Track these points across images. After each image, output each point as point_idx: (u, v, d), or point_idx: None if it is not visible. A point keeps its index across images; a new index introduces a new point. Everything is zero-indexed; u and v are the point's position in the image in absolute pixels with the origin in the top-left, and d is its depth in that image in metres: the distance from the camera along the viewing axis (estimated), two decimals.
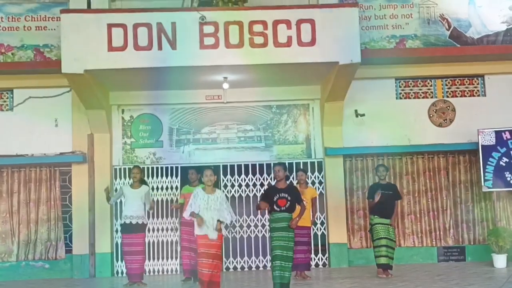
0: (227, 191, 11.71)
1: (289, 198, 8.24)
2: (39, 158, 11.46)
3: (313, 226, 11.22)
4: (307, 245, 10.22)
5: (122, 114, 11.93)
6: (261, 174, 11.74)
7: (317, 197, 10.44)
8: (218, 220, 7.88)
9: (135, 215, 9.89)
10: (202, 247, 7.89)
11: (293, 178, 11.47)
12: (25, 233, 11.51)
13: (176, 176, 11.66)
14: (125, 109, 11.93)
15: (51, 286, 10.36)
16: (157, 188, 11.68)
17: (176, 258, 11.61)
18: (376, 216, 9.93)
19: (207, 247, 7.86)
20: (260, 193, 11.37)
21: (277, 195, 8.27)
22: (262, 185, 11.59)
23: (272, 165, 11.43)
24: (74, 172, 11.53)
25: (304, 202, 9.35)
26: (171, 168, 11.74)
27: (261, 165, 11.76)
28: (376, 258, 9.97)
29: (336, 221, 11.58)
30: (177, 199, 11.19)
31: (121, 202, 10.57)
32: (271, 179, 11.40)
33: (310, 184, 11.27)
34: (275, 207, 8.23)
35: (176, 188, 11.58)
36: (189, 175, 10.45)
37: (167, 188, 11.70)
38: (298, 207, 8.48)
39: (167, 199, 11.70)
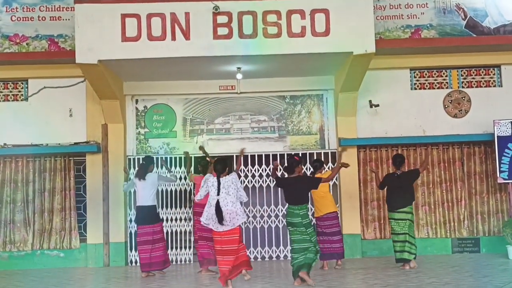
0: (241, 182, 11.68)
1: (298, 188, 8.30)
2: (53, 148, 11.52)
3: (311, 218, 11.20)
4: (339, 234, 10.12)
5: (136, 104, 11.96)
6: None
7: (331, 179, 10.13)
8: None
9: (146, 205, 9.94)
10: (217, 244, 8.00)
11: (307, 169, 11.49)
12: (40, 222, 11.61)
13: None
14: (139, 99, 11.96)
15: (66, 275, 10.45)
16: None
17: (189, 247, 11.65)
18: (389, 211, 9.90)
19: (221, 244, 7.92)
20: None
21: (290, 187, 8.42)
22: None
23: (271, 157, 11.50)
24: (89, 162, 11.59)
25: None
26: (185, 158, 11.74)
27: (274, 156, 11.74)
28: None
29: (349, 212, 11.56)
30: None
31: (135, 192, 10.63)
32: (285, 168, 11.38)
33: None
34: (286, 199, 8.45)
35: None
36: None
37: (180, 178, 11.73)
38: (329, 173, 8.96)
39: (180, 189, 11.74)
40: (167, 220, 11.67)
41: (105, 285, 9.19)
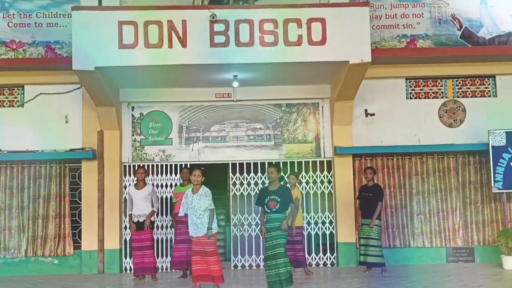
0: (236, 189, 11.73)
1: (278, 199, 8.38)
2: (49, 154, 11.49)
3: (306, 225, 11.29)
4: (300, 243, 10.30)
5: (132, 111, 11.97)
6: None
7: (299, 199, 10.27)
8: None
9: (142, 214, 10.18)
10: (193, 245, 8.58)
11: (302, 177, 11.52)
12: (34, 229, 11.57)
13: None
14: (135, 106, 11.97)
15: (60, 282, 10.40)
16: (166, 186, 11.73)
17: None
18: (367, 218, 10.40)
19: (196, 245, 8.51)
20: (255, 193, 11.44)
21: (268, 197, 8.47)
22: None
23: (267, 164, 11.47)
24: (84, 168, 11.57)
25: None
26: (180, 165, 11.74)
27: (270, 164, 11.70)
28: None
29: (344, 220, 11.57)
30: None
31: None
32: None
33: (297, 185, 11.11)
34: (266, 209, 8.46)
35: None
36: (181, 174, 10.79)
37: (176, 186, 11.69)
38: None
39: (165, 196, 11.71)
40: (162, 227, 11.68)
41: None
